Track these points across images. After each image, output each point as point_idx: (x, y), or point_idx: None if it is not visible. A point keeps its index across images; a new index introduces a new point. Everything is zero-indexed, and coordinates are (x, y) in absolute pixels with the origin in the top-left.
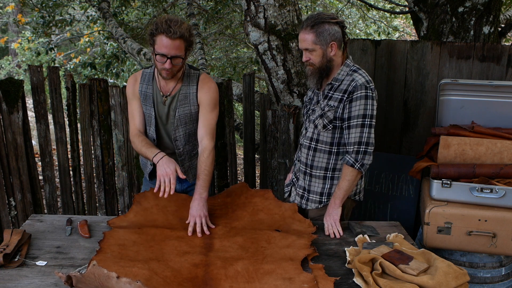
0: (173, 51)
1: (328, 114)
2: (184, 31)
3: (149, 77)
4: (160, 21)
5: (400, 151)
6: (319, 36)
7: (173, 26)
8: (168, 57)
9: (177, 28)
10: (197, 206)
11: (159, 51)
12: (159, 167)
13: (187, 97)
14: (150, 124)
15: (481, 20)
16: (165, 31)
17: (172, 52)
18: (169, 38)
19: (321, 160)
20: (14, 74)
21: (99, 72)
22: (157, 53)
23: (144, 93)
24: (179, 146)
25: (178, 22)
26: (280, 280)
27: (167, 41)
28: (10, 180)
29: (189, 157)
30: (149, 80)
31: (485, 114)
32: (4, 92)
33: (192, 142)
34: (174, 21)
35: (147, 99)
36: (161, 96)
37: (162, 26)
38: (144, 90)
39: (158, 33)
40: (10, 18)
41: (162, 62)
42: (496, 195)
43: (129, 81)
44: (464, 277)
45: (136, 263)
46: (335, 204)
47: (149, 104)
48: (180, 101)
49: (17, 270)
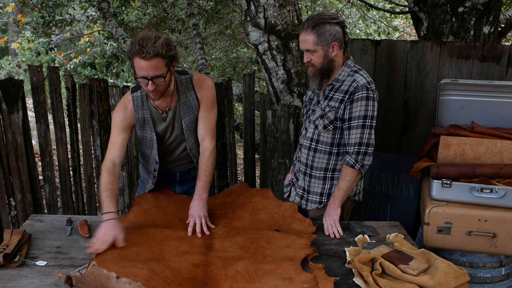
0: (151, 71)
1: (329, 114)
2: (158, 49)
3: (142, 101)
4: (133, 42)
5: (400, 151)
6: (320, 37)
7: (146, 46)
8: (149, 79)
9: (150, 47)
10: (197, 206)
11: (138, 74)
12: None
13: (188, 105)
14: (151, 148)
15: (481, 20)
16: (138, 52)
17: (151, 73)
18: (143, 59)
19: (321, 160)
20: (14, 74)
21: (99, 72)
22: (137, 76)
23: (141, 118)
24: (195, 154)
25: (152, 39)
26: (280, 280)
27: (142, 63)
28: (10, 180)
29: None
30: (143, 104)
31: (485, 114)
32: (4, 92)
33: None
34: (148, 39)
35: (145, 124)
36: (160, 114)
37: (135, 47)
38: (141, 115)
39: (133, 55)
40: (10, 18)
41: (145, 84)
42: (496, 195)
43: (119, 110)
44: (464, 277)
45: (136, 263)
46: (334, 204)
47: (148, 129)
48: (183, 112)
49: (17, 270)
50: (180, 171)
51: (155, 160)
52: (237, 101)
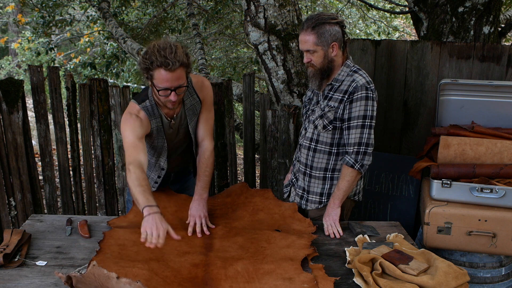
0: (175, 82)
1: (328, 114)
2: (182, 58)
3: (154, 110)
4: (153, 53)
5: (400, 151)
6: (320, 37)
7: (170, 56)
8: (172, 90)
9: (174, 58)
10: (197, 206)
11: (161, 85)
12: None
13: (193, 109)
14: (160, 155)
15: (481, 20)
16: (162, 64)
17: (175, 84)
18: (168, 71)
19: (320, 160)
20: (14, 74)
21: (99, 72)
22: (159, 89)
23: (155, 128)
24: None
25: (172, 49)
26: (280, 280)
27: (167, 74)
28: (10, 180)
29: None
30: (155, 113)
31: (485, 114)
32: (4, 92)
33: None
34: (168, 49)
35: (158, 133)
36: (168, 121)
37: (157, 59)
38: (155, 125)
39: (155, 67)
40: (10, 18)
41: (166, 95)
42: (496, 195)
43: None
44: (464, 277)
45: (136, 263)
46: (334, 205)
47: (161, 137)
48: (189, 116)
49: (17, 270)
50: (175, 172)
51: (162, 167)
52: (237, 101)
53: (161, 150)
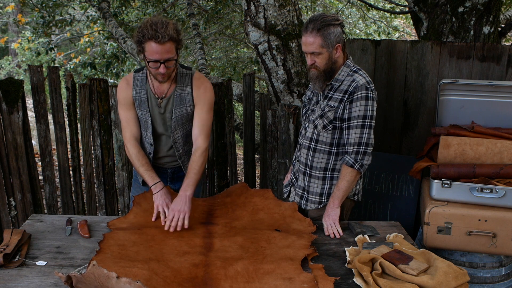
0: (165, 55)
1: (328, 114)
2: (171, 33)
3: (142, 81)
4: (145, 26)
5: (400, 151)
6: (326, 39)
7: (160, 30)
8: (161, 62)
9: (164, 31)
10: (179, 202)
11: (151, 57)
12: (157, 198)
13: (182, 98)
14: (146, 129)
15: (481, 20)
16: (153, 37)
17: (165, 56)
18: (158, 43)
19: (320, 160)
20: (14, 74)
21: (99, 72)
22: (149, 60)
23: (138, 98)
24: (178, 148)
25: (163, 24)
26: (280, 280)
27: (156, 46)
28: (10, 180)
29: (188, 158)
30: (142, 84)
31: (485, 114)
32: (4, 92)
33: (190, 142)
34: (160, 24)
35: (141, 104)
36: (156, 98)
37: (149, 32)
38: (138, 95)
39: (146, 40)
40: (10, 18)
41: (156, 67)
42: (496, 195)
43: (121, 85)
44: (464, 277)
45: (136, 263)
46: (334, 205)
47: (144, 109)
48: (175, 103)
49: (17, 270)
50: (171, 168)
51: (150, 142)
52: (237, 101)
53: (146, 124)
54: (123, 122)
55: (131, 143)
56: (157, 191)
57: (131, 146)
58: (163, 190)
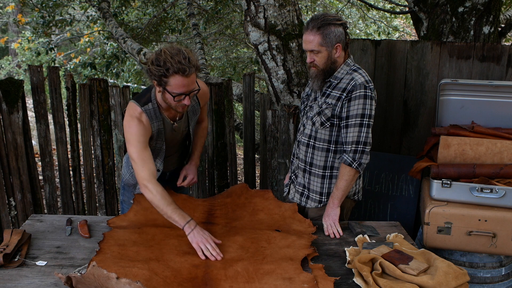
0: (191, 87)
1: (326, 111)
2: (195, 63)
3: (156, 113)
4: (167, 59)
5: (400, 151)
6: (325, 38)
7: (185, 62)
8: (186, 94)
9: (189, 63)
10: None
11: (177, 91)
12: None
13: (193, 109)
14: (157, 157)
15: (481, 20)
16: (180, 70)
17: (191, 88)
18: (185, 77)
19: (319, 158)
20: (14, 74)
21: (99, 72)
22: (175, 94)
23: (156, 131)
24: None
25: (185, 55)
26: (280, 280)
27: (183, 80)
28: (10, 180)
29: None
30: (157, 116)
31: (485, 114)
32: (4, 92)
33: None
34: (182, 55)
35: (159, 136)
36: (171, 124)
37: (173, 66)
38: (156, 128)
39: (171, 74)
40: (10, 18)
41: (180, 100)
42: (496, 195)
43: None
44: (464, 277)
45: (136, 263)
46: (333, 205)
47: (161, 139)
48: (190, 116)
49: (17, 270)
50: (171, 171)
51: (157, 169)
52: (237, 101)
53: (159, 152)
54: (139, 161)
55: (152, 183)
56: (191, 229)
57: (154, 185)
58: (198, 228)
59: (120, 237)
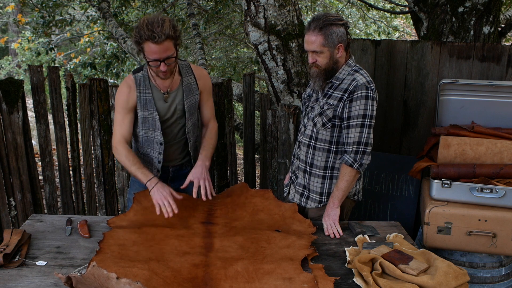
0: (164, 54)
1: (327, 112)
2: (168, 31)
3: (145, 80)
4: (142, 27)
5: (400, 151)
6: (327, 38)
7: (156, 30)
8: (161, 61)
9: (160, 31)
10: (200, 170)
11: (150, 57)
12: (154, 193)
13: (190, 87)
14: (155, 128)
15: (481, 20)
16: (150, 37)
17: (163, 55)
18: (156, 43)
19: (320, 158)
20: (14, 74)
21: (99, 72)
22: (149, 60)
23: (143, 98)
24: (190, 138)
25: (159, 23)
26: (280, 280)
27: (154, 46)
28: (10, 180)
29: (195, 148)
30: (145, 84)
31: (485, 114)
32: (4, 92)
33: (196, 132)
34: (156, 23)
35: (147, 103)
36: (162, 94)
37: (145, 33)
38: (143, 95)
39: (143, 40)
40: (10, 18)
41: (156, 66)
42: (496, 195)
43: (122, 90)
44: (464, 277)
45: (136, 263)
46: (333, 205)
47: (151, 108)
48: (186, 93)
49: (17, 270)
50: (174, 166)
51: (160, 142)
52: (237, 101)
53: (154, 123)
54: (115, 125)
55: (121, 144)
56: (152, 186)
57: (121, 147)
58: (158, 184)
59: (120, 237)
